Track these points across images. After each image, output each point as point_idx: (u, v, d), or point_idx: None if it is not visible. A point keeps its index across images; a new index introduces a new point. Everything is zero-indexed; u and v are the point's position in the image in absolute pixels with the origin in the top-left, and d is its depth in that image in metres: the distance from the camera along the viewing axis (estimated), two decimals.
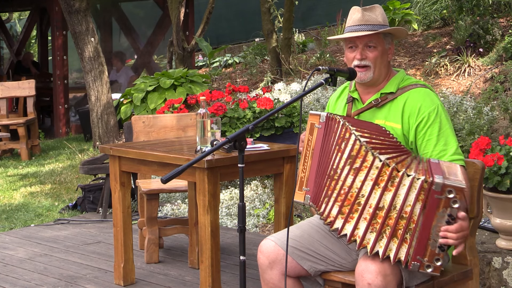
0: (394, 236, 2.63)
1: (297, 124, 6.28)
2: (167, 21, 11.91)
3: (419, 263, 2.62)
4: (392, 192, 2.62)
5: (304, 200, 2.87)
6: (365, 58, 2.96)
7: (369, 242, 2.66)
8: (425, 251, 2.62)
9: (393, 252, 2.63)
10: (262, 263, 2.94)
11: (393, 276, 2.69)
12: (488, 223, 4.18)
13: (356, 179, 2.67)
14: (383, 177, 2.63)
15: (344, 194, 2.70)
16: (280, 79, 8.73)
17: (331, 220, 2.73)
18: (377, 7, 3.01)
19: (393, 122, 2.95)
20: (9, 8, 15.90)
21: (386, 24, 2.99)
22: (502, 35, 7.83)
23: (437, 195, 2.57)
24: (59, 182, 7.65)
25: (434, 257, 2.63)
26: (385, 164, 2.62)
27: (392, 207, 2.62)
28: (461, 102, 6.17)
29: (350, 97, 3.10)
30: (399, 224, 2.62)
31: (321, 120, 2.86)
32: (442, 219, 2.60)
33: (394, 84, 3.00)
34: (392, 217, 2.62)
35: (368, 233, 2.66)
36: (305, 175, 2.88)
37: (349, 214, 2.69)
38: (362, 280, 2.68)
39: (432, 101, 2.93)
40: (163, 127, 5.12)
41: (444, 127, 2.90)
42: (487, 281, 3.85)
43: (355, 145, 2.69)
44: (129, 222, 4.31)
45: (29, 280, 4.49)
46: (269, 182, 6.16)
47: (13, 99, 11.61)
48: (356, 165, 2.68)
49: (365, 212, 2.66)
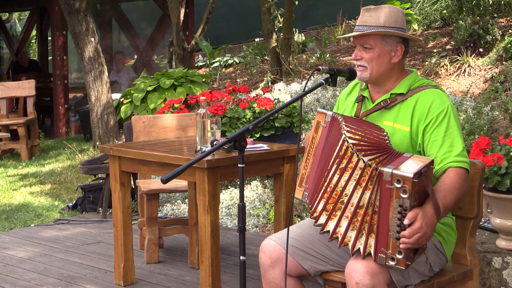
0: (372, 232, 2.67)
1: (297, 124, 6.28)
2: (167, 21, 11.91)
3: (384, 255, 2.64)
4: (370, 191, 2.65)
5: (302, 197, 2.90)
6: (360, 58, 2.94)
7: (350, 239, 2.71)
8: (388, 243, 2.64)
9: (373, 248, 2.66)
10: (263, 262, 2.94)
11: (381, 275, 2.70)
12: (488, 223, 4.18)
13: (341, 179, 2.71)
14: (365, 177, 2.66)
15: (330, 191, 2.74)
16: (280, 79, 8.73)
17: (317, 215, 2.78)
18: (383, 7, 2.92)
19: (402, 125, 2.91)
20: (9, 8, 15.89)
21: (390, 25, 2.89)
22: (502, 35, 7.83)
23: (388, 185, 2.59)
24: (59, 182, 7.65)
25: (396, 249, 2.63)
26: (367, 165, 2.65)
27: (369, 204, 2.66)
28: (461, 102, 6.18)
29: (361, 96, 3.05)
30: (374, 219, 2.66)
31: (326, 119, 2.86)
32: (396, 210, 2.61)
33: (405, 85, 2.95)
34: (369, 213, 2.67)
35: (349, 231, 2.70)
36: (306, 172, 2.90)
37: (332, 212, 2.74)
38: (350, 280, 2.70)
39: (442, 102, 2.88)
40: (163, 127, 5.12)
41: (451, 129, 2.85)
42: (487, 281, 3.85)
43: (343, 145, 2.72)
44: (129, 222, 4.31)
45: (29, 280, 4.49)
46: (269, 182, 6.16)
47: (13, 99, 11.61)
48: (342, 165, 2.71)
49: (347, 211, 2.70)
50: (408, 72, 3.01)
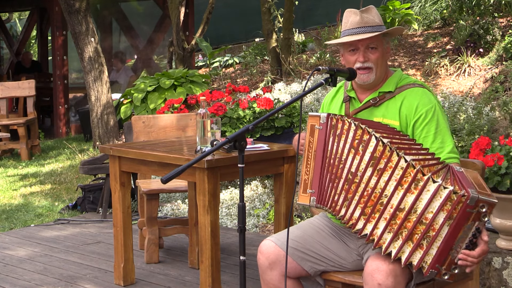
0: (410, 239, 2.62)
1: (297, 124, 6.28)
2: (167, 21, 11.91)
3: (437, 271, 2.61)
4: (414, 195, 2.60)
5: (310, 202, 2.86)
6: (368, 60, 2.95)
7: (385, 241, 2.65)
8: (445, 261, 2.61)
9: (405, 255, 2.62)
10: (262, 263, 2.94)
11: (402, 277, 2.69)
12: (488, 223, 4.17)
13: (380, 180, 2.66)
14: (407, 178, 2.61)
15: (368, 195, 2.69)
16: (280, 79, 8.73)
17: (353, 223, 2.72)
18: (372, 8, 3.01)
19: (391, 120, 2.95)
20: (9, 8, 15.90)
21: (382, 24, 3.00)
22: (502, 35, 7.83)
23: (469, 209, 2.54)
24: (59, 182, 7.65)
25: (451, 265, 2.62)
26: (410, 165, 2.61)
27: (413, 211, 2.60)
28: (462, 102, 6.17)
29: (347, 96, 3.09)
30: (417, 228, 2.60)
31: (321, 121, 2.86)
32: (469, 231, 2.58)
33: (392, 83, 3.00)
34: (411, 220, 2.61)
35: (386, 233, 2.65)
36: (308, 177, 2.87)
37: (371, 214, 2.68)
38: (372, 280, 2.67)
39: (429, 100, 2.93)
40: (163, 127, 5.12)
41: (441, 126, 2.90)
42: (487, 281, 3.85)
43: (378, 146, 2.68)
44: (129, 222, 4.31)
45: (29, 280, 4.49)
46: (269, 182, 6.16)
47: (13, 99, 11.61)
48: (381, 166, 2.66)
49: (386, 212, 2.65)
50: (392, 71, 3.06)
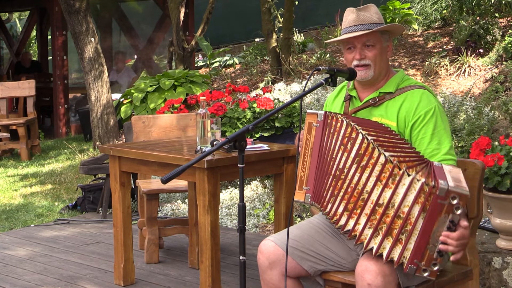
0: (389, 234, 2.64)
1: (297, 124, 6.28)
2: (167, 21, 11.91)
3: (416, 266, 2.61)
4: (391, 190, 2.63)
5: (304, 199, 2.88)
6: (365, 57, 2.96)
7: (366, 237, 2.68)
8: (423, 255, 2.61)
9: (386, 250, 2.64)
10: (262, 263, 2.94)
11: (393, 277, 2.69)
12: (488, 223, 4.18)
13: (362, 176, 2.69)
14: (386, 173, 2.64)
15: (351, 191, 2.71)
16: (280, 79, 8.73)
17: (337, 219, 2.75)
18: (371, 6, 3.01)
19: (388, 120, 2.96)
20: (9, 8, 15.89)
21: (382, 22, 2.99)
22: (502, 35, 7.83)
23: (441, 200, 2.55)
24: (59, 182, 7.65)
25: (431, 261, 2.62)
26: (388, 161, 2.63)
27: (390, 205, 2.63)
28: (462, 103, 6.17)
29: (348, 95, 3.10)
30: (395, 223, 2.63)
31: (318, 119, 2.88)
32: (443, 225, 2.58)
33: (393, 84, 3.00)
34: (389, 215, 2.63)
35: (367, 228, 2.68)
36: (304, 174, 2.89)
37: (353, 210, 2.71)
38: (362, 280, 2.68)
39: (429, 102, 2.93)
40: (163, 127, 5.12)
41: (439, 127, 2.89)
42: (487, 281, 3.85)
43: (363, 143, 2.70)
44: (129, 222, 4.31)
45: (29, 280, 4.49)
46: (269, 182, 6.16)
47: (13, 99, 11.61)
48: (363, 162, 2.69)
49: (366, 208, 2.68)
50: (395, 72, 3.06)
